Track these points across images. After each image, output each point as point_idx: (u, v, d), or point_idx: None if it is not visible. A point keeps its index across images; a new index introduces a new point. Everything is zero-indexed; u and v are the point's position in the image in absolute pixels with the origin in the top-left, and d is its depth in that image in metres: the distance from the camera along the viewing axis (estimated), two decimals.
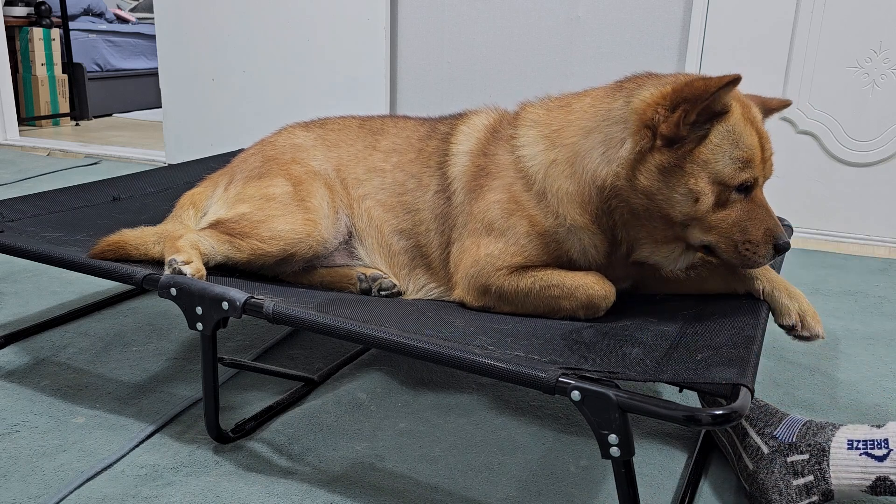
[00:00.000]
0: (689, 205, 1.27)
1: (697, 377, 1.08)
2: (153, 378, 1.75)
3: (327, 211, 1.62)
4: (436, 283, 1.59)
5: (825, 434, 1.28)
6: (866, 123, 2.94)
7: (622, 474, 1.07)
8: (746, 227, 1.27)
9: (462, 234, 1.51)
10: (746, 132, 1.26)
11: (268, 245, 1.54)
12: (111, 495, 1.31)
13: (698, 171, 1.25)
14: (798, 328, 1.31)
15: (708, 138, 1.25)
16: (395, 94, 3.68)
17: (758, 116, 1.32)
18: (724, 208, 1.27)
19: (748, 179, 1.26)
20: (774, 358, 1.96)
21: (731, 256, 1.30)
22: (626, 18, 3.18)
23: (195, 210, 1.74)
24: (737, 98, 1.28)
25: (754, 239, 1.27)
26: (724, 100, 1.24)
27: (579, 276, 1.39)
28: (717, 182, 1.26)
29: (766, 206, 1.29)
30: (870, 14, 2.84)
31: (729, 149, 1.25)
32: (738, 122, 1.26)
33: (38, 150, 4.70)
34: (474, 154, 1.54)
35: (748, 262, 1.29)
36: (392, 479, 1.40)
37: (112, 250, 1.55)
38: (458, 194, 1.53)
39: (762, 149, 1.28)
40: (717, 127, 1.25)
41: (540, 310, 1.43)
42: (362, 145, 1.72)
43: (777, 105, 1.42)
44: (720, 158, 1.25)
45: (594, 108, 1.38)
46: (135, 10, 8.19)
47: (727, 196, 1.27)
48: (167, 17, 3.99)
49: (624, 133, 1.30)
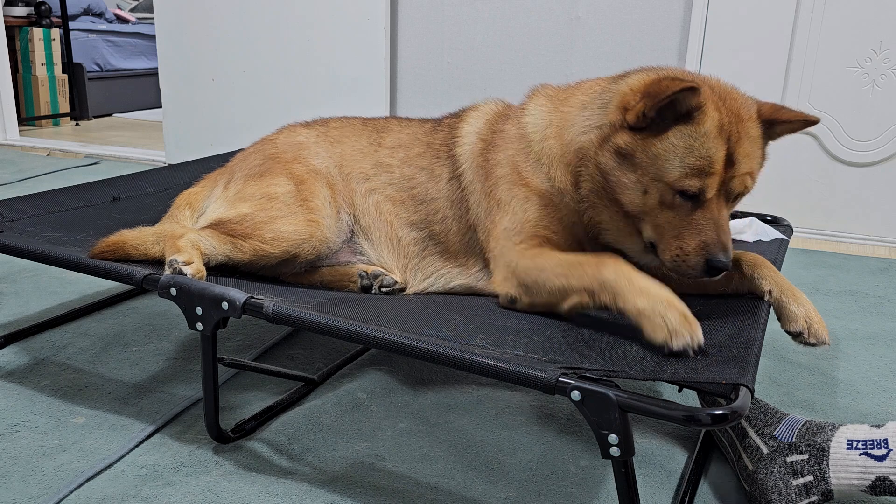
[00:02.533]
0: (637, 195, 1.29)
1: (697, 376, 1.08)
2: (153, 378, 1.75)
3: (329, 211, 1.62)
4: (451, 266, 1.60)
5: (825, 434, 1.28)
6: (866, 123, 2.94)
7: (622, 474, 1.07)
8: (683, 234, 1.25)
9: (479, 214, 1.54)
10: (710, 143, 1.23)
11: (270, 246, 1.54)
12: (111, 495, 1.31)
13: (647, 165, 1.27)
14: (805, 335, 1.30)
15: (665, 136, 1.25)
16: (395, 94, 3.68)
17: (748, 132, 1.27)
18: (671, 210, 1.26)
19: (692, 187, 1.23)
20: (774, 358, 1.96)
21: (666, 260, 1.28)
22: (626, 18, 3.18)
23: (191, 210, 1.73)
24: (720, 108, 1.25)
25: (686, 248, 1.24)
26: (690, 104, 1.23)
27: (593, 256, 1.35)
28: (660, 180, 1.25)
29: (717, 220, 1.25)
30: (870, 14, 2.84)
31: (682, 152, 1.24)
32: (705, 131, 1.23)
33: (38, 150, 4.70)
34: (482, 132, 1.59)
35: (678, 270, 1.26)
36: (392, 479, 1.40)
37: (111, 251, 1.54)
38: (468, 173, 1.57)
39: (727, 165, 1.24)
40: (678, 128, 1.25)
41: (556, 294, 1.35)
42: (367, 142, 1.74)
43: (791, 118, 1.34)
44: (670, 158, 1.24)
45: (596, 87, 1.43)
46: (135, 10, 8.19)
47: (671, 198, 1.25)
48: (167, 17, 3.99)
49: (605, 110, 1.35)
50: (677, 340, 1.11)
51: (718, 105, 1.26)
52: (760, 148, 1.31)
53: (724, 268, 1.23)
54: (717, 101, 1.26)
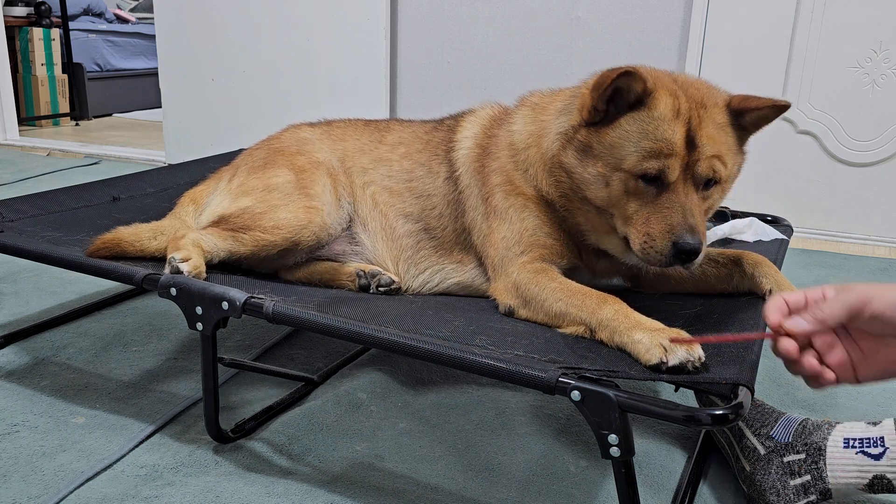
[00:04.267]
0: (601, 188, 1.29)
1: (698, 377, 1.08)
2: (153, 378, 1.75)
3: (330, 197, 1.63)
4: (446, 261, 1.61)
5: (821, 433, 1.28)
6: (866, 123, 2.94)
7: (622, 474, 1.07)
8: (650, 220, 1.24)
9: (475, 218, 1.55)
10: (664, 125, 1.23)
11: (271, 235, 1.55)
12: (111, 495, 1.31)
13: (605, 155, 1.28)
14: None
15: (618, 124, 1.27)
16: (395, 94, 3.68)
17: (712, 117, 1.26)
18: (636, 198, 1.26)
19: (651, 170, 1.23)
20: (774, 358, 1.95)
21: (636, 249, 1.26)
22: (626, 18, 3.18)
23: (195, 207, 1.74)
24: (676, 94, 1.26)
25: (653, 232, 1.22)
26: (638, 91, 1.24)
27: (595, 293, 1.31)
28: (620, 168, 1.26)
29: (682, 203, 1.22)
30: (870, 14, 2.84)
31: (636, 137, 1.24)
32: (658, 115, 1.24)
33: (37, 150, 4.70)
34: (478, 137, 1.59)
35: (648, 258, 1.24)
36: (392, 479, 1.40)
37: (108, 248, 1.55)
38: (464, 177, 1.57)
39: (689, 148, 1.23)
40: (630, 115, 1.26)
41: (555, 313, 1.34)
42: (368, 139, 1.76)
43: (759, 105, 1.29)
44: (625, 145, 1.25)
45: (574, 91, 1.44)
46: (135, 10, 8.20)
47: (634, 184, 1.25)
48: (167, 17, 3.99)
49: (571, 115, 1.37)
50: (673, 356, 1.08)
51: (675, 91, 1.26)
52: (730, 135, 1.29)
53: (693, 250, 1.19)
54: (672, 88, 1.27)
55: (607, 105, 1.27)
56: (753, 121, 1.32)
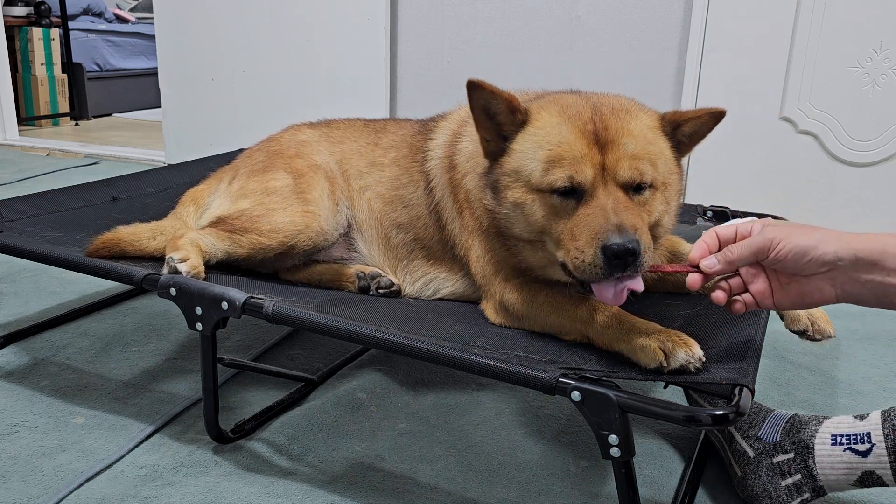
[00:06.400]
0: (523, 219, 1.25)
1: (698, 377, 1.08)
2: (153, 378, 1.75)
3: (327, 203, 1.63)
4: (438, 270, 1.59)
5: (809, 430, 1.28)
6: (866, 123, 2.94)
7: (622, 474, 1.07)
8: (574, 232, 1.15)
9: (454, 231, 1.52)
10: (554, 131, 1.20)
11: (267, 238, 1.55)
12: (111, 495, 1.31)
13: (512, 182, 1.26)
14: (809, 331, 1.29)
15: (511, 149, 1.26)
16: (395, 94, 3.68)
17: (617, 117, 1.21)
18: (559, 217, 1.19)
19: (559, 180, 1.17)
20: (774, 358, 1.96)
21: (572, 269, 1.16)
22: (626, 18, 3.17)
23: (196, 207, 1.74)
24: (562, 104, 1.24)
25: (580, 245, 1.13)
26: (515, 112, 1.24)
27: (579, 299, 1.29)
28: (531, 189, 1.22)
29: (604, 207, 1.14)
30: (870, 14, 2.84)
31: (531, 151, 1.22)
32: (545, 126, 1.22)
33: (37, 150, 4.70)
34: (447, 146, 1.55)
35: (585, 274, 1.12)
36: (392, 479, 1.39)
37: (107, 248, 1.55)
38: (437, 189, 1.55)
39: (599, 148, 1.17)
40: (518, 136, 1.25)
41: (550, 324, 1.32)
42: (366, 141, 1.75)
43: (694, 114, 1.24)
44: (525, 163, 1.23)
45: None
46: (134, 9, 8.20)
47: (552, 203, 1.19)
48: (167, 17, 3.99)
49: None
50: (674, 359, 1.07)
51: (561, 103, 1.25)
52: (660, 141, 1.24)
53: (625, 250, 1.07)
54: (557, 102, 1.26)
55: (498, 137, 1.27)
56: (691, 131, 1.27)
